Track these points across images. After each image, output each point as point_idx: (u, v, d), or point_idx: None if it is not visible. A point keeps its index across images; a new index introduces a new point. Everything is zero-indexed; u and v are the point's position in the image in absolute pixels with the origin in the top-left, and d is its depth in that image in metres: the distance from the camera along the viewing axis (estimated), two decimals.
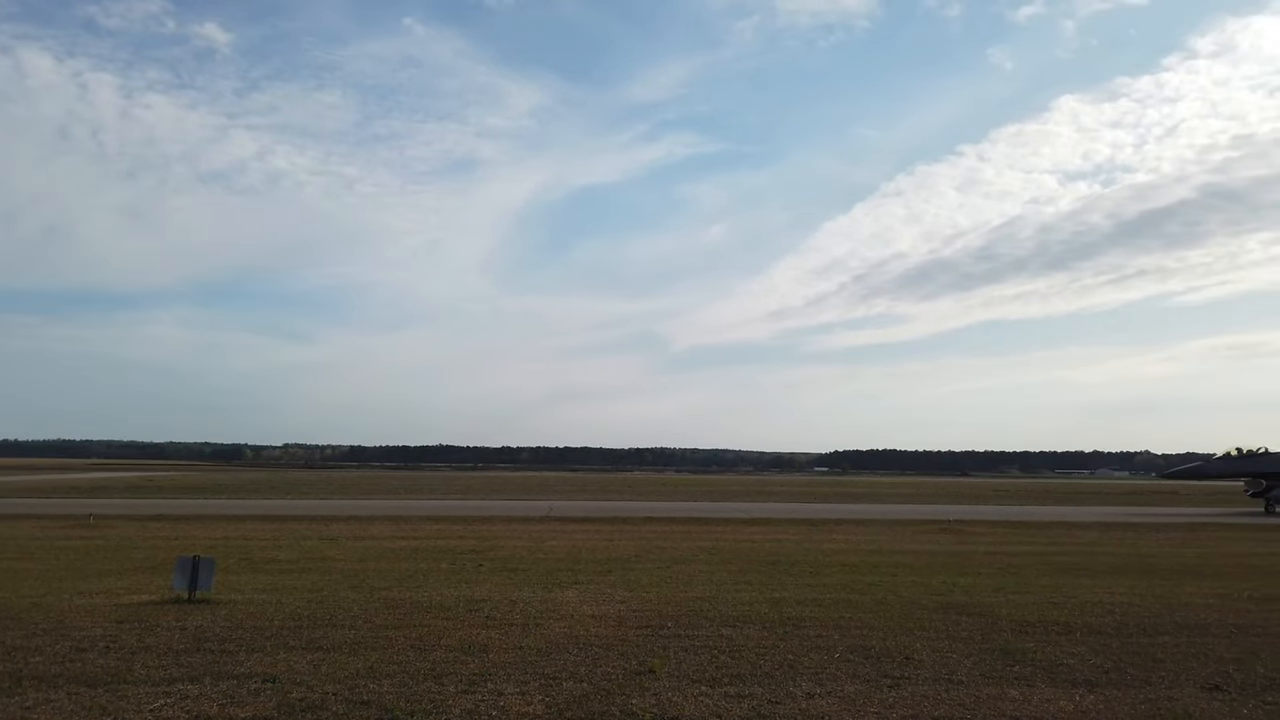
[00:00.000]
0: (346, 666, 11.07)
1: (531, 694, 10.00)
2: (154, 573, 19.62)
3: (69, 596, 16.32)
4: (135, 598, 16.25)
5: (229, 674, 10.63)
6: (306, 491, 69.55)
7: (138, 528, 32.54)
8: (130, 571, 20.05)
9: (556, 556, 24.02)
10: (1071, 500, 71.05)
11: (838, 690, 10.39)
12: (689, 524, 37.50)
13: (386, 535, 30.35)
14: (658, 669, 11.20)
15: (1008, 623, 14.77)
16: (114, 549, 25.12)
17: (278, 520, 36.99)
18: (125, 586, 17.67)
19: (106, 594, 16.69)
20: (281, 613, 14.75)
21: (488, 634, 13.26)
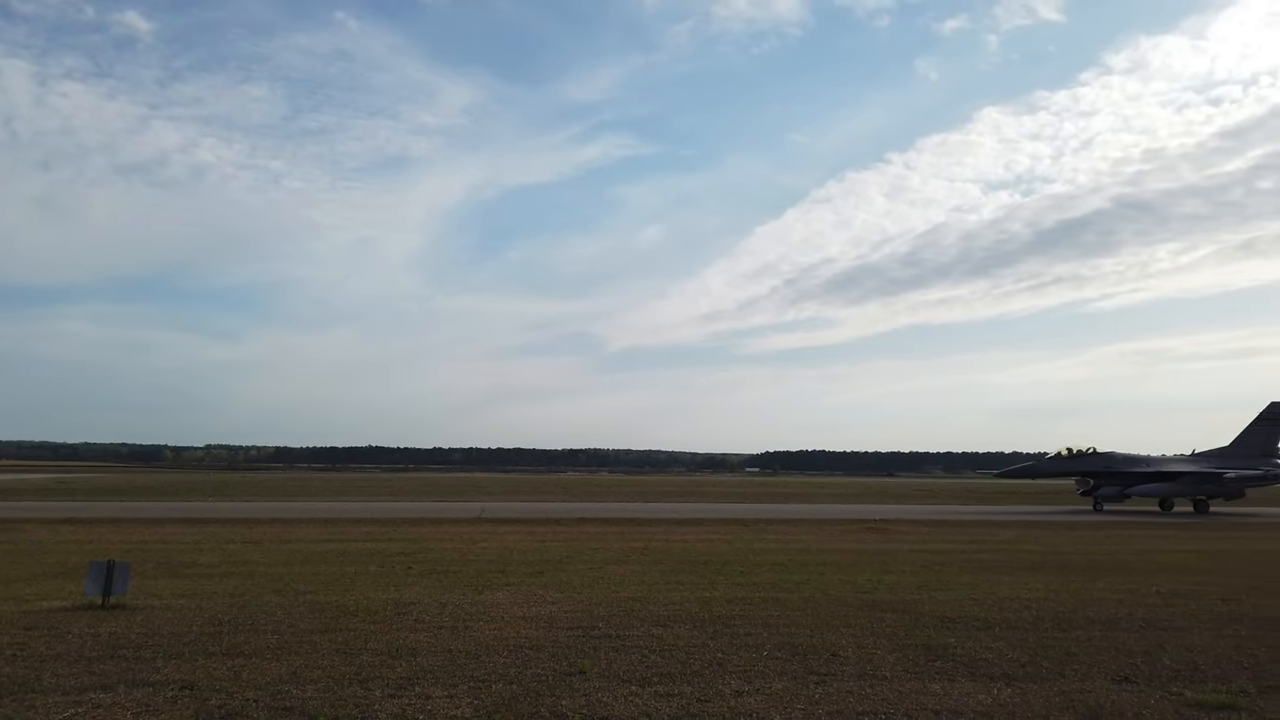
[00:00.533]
0: (269, 672, 10.82)
1: (460, 697, 9.91)
2: (66, 578, 18.88)
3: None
4: (46, 604, 15.63)
5: (144, 681, 10.29)
6: (230, 494, 67.57)
7: (49, 531, 31.26)
8: (41, 577, 19.26)
9: (488, 558, 23.82)
10: (992, 500, 73.10)
11: (765, 687, 10.53)
12: (622, 525, 37.54)
13: (313, 538, 29.70)
14: (588, 669, 11.21)
15: (930, 619, 15.16)
16: (23, 554, 24.11)
17: (199, 523, 35.91)
18: (35, 593, 16.98)
19: (14, 600, 16.01)
20: (201, 618, 14.34)
21: (416, 637, 13.09)
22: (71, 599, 16.04)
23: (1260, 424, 57.73)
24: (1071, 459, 56.36)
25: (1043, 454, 58.96)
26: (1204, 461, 56.75)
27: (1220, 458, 56.95)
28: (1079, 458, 56.23)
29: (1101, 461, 56.14)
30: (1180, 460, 57.51)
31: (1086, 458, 56.19)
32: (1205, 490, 54.67)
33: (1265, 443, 57.15)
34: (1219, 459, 56.68)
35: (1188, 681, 11.09)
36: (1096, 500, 55.17)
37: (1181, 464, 56.52)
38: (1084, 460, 56.19)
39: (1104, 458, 56.25)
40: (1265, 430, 57.38)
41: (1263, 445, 57.07)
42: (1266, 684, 11.01)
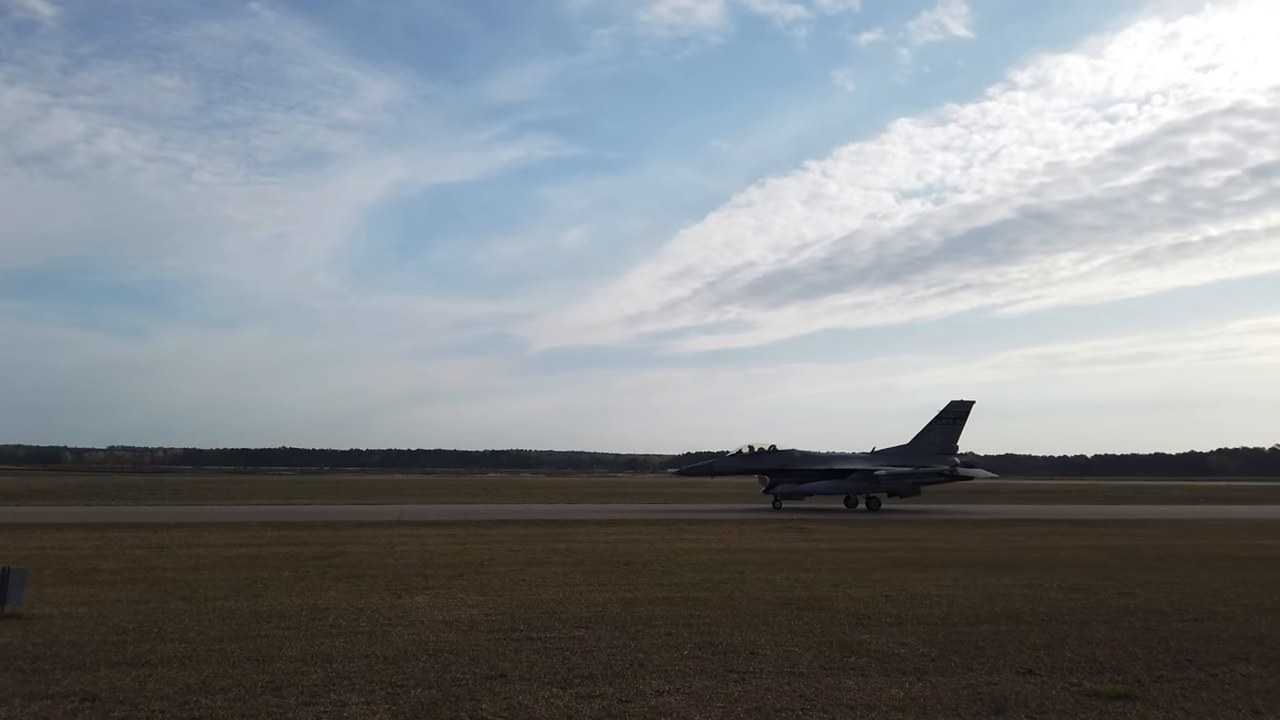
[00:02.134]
0: (176, 682, 10.46)
1: (377, 703, 9.75)
2: None
3: None
4: None
5: (42, 694, 9.86)
6: (135, 497, 64.96)
7: None
8: None
9: (407, 562, 23.46)
10: None
11: (686, 686, 10.65)
12: (543, 526, 37.40)
13: (223, 543, 28.78)
14: (509, 673, 11.16)
15: (845, 616, 15.53)
16: None
17: (101, 528, 34.44)
18: None
19: None
20: (103, 627, 13.78)
21: (332, 643, 12.82)
22: None
23: (940, 422, 57.39)
24: (750, 456, 55.48)
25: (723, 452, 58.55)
26: (880, 459, 56.37)
27: (898, 455, 56.62)
28: (758, 455, 55.40)
29: (778, 459, 55.38)
30: (854, 458, 56.69)
31: (765, 455, 55.37)
32: (876, 487, 54.55)
33: (945, 441, 56.95)
34: (896, 457, 56.45)
35: (1087, 673, 11.61)
36: (776, 498, 54.79)
37: (853, 462, 55.86)
38: (762, 458, 55.40)
39: (781, 455, 55.48)
40: (945, 428, 57.21)
41: (941, 444, 56.84)
42: (1159, 674, 11.60)
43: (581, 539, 30.86)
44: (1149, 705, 10.11)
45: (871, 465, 55.20)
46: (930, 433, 57.16)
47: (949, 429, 57.24)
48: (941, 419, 57.41)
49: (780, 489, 54.80)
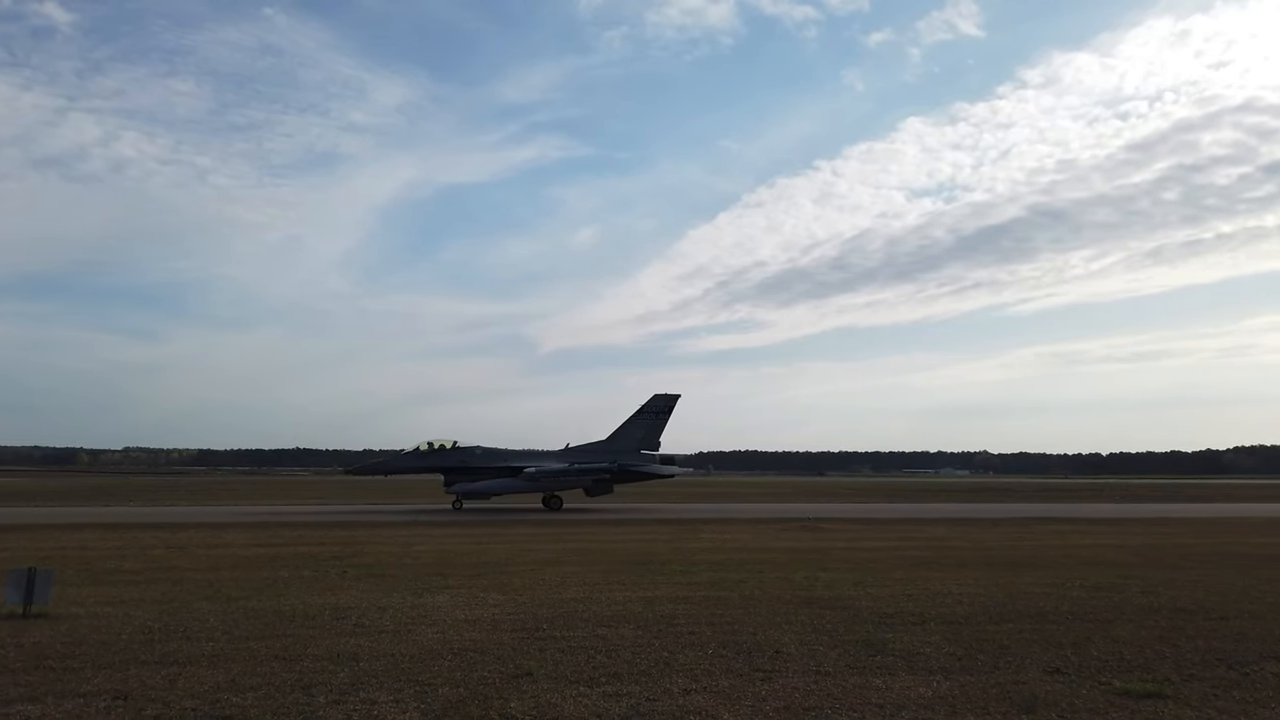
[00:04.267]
0: (206, 680, 10.52)
1: (406, 701, 9.78)
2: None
3: None
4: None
5: (74, 692, 9.92)
6: (152, 498, 65.38)
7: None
8: None
9: (425, 561, 23.53)
10: (919, 498, 74.97)
11: (712, 685, 10.64)
12: (558, 526, 37.46)
13: (241, 543, 28.93)
14: (535, 671, 11.17)
15: (868, 615, 15.48)
16: None
17: (120, 528, 34.66)
18: None
19: None
20: (130, 626, 13.86)
21: (357, 642, 12.87)
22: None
23: (641, 416, 54.33)
24: (428, 454, 52.04)
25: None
26: (569, 456, 53.15)
27: (593, 452, 53.53)
28: (436, 453, 51.95)
29: (457, 456, 51.70)
30: (538, 455, 53.43)
31: (443, 453, 51.90)
32: (550, 485, 51.19)
33: (646, 436, 53.91)
34: (590, 454, 53.41)
35: (1115, 671, 11.54)
36: (457, 498, 50.79)
37: (532, 460, 52.45)
38: (440, 455, 51.89)
39: (460, 453, 51.87)
40: (646, 423, 54.19)
41: (642, 439, 53.83)
42: (1189, 673, 11.52)
43: (596, 538, 30.89)
44: (1181, 704, 10.04)
45: (568, 463, 51.82)
46: (631, 427, 54.07)
47: (651, 423, 54.21)
48: (643, 413, 54.37)
49: (456, 488, 50.87)
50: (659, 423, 54.22)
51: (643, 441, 53.76)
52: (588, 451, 53.64)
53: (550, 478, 50.45)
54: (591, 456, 52.60)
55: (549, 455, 53.39)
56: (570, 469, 50.82)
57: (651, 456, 53.79)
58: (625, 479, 53.07)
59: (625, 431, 53.72)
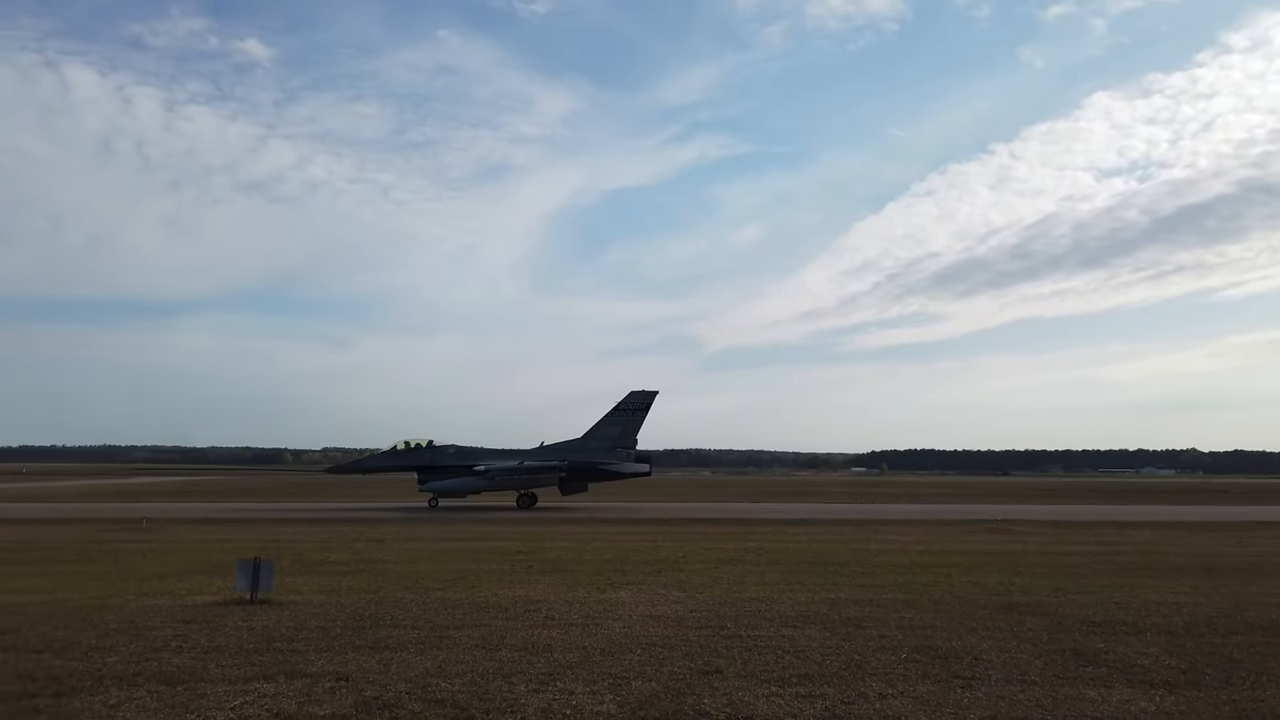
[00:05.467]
0: (415, 666, 11.14)
1: (602, 693, 9.99)
2: (212, 574, 19.89)
3: (134, 597, 16.60)
4: (198, 599, 16.49)
5: (302, 673, 10.75)
6: (349, 495, 70.26)
7: (189, 530, 33.09)
8: (189, 573, 20.34)
9: (604, 558, 24.04)
10: (1119, 499, 69.83)
11: (910, 691, 10.27)
12: (731, 525, 37.37)
13: (432, 537, 30.58)
14: (724, 669, 11.15)
15: (1074, 623, 14.52)
16: (169, 551, 25.54)
17: (324, 523, 37.44)
18: (187, 588, 17.94)
19: (170, 595, 16.96)
20: (343, 613, 14.89)
21: (549, 634, 13.28)
22: (221, 594, 16.88)
23: (617, 414, 52.95)
24: (402, 454, 52.55)
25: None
26: (543, 455, 52.51)
27: (565, 450, 52.55)
28: (410, 452, 52.40)
29: (428, 455, 52.00)
30: (509, 454, 52.96)
31: (416, 452, 52.30)
32: (510, 483, 51.09)
33: (622, 434, 52.55)
34: (562, 452, 52.42)
35: None
36: (432, 497, 50.97)
37: (500, 458, 51.90)
38: (413, 455, 52.29)
39: (432, 451, 52.14)
40: (622, 420, 52.72)
41: (618, 437, 52.48)
42: None
43: (772, 538, 30.58)
44: None
45: (494, 462, 51.15)
46: (606, 425, 52.75)
47: (628, 421, 52.71)
48: (620, 410, 52.89)
49: (427, 486, 51.22)
50: (635, 420, 53.10)
51: (619, 440, 52.75)
52: (561, 450, 52.90)
53: (504, 475, 50.63)
54: (564, 455, 52.04)
55: (516, 454, 53.27)
56: (520, 467, 50.93)
57: (624, 455, 52.76)
58: (594, 477, 53.00)
59: (600, 430, 52.97)
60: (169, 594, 17.07)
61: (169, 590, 17.56)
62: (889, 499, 67.91)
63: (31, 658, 11.42)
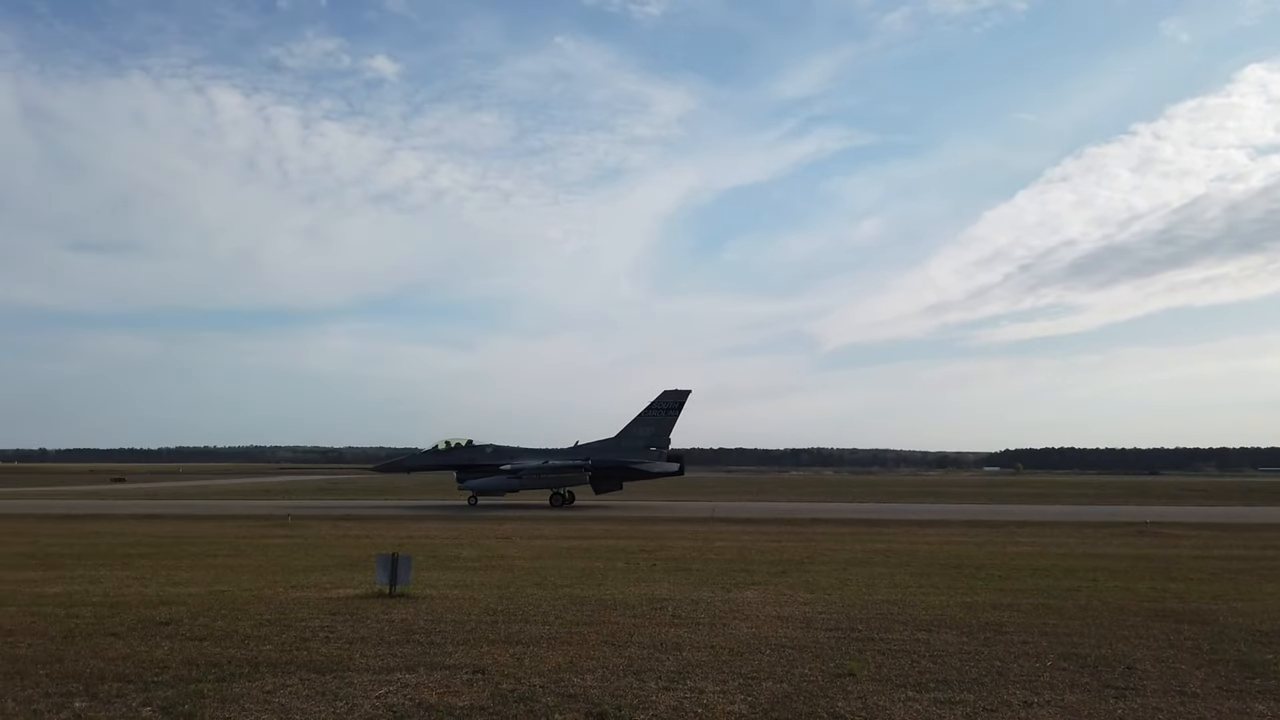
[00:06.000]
0: (548, 660, 11.35)
1: (733, 693, 9.92)
2: (353, 568, 20.82)
3: (283, 590, 17.54)
4: (341, 591, 17.28)
5: (440, 664, 11.11)
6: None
7: (330, 527, 34.75)
8: (331, 567, 21.36)
9: (727, 557, 23.93)
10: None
11: (1057, 700, 9.78)
12: (857, 525, 36.59)
13: (557, 535, 31.14)
14: (857, 672, 10.89)
15: (1237, 632, 13.53)
16: (313, 546, 26.88)
17: (455, 520, 38.69)
18: (330, 581, 18.83)
19: (315, 588, 17.83)
20: (477, 608, 15.32)
21: (677, 632, 13.30)
22: (362, 587, 17.63)
23: (650, 413, 52.95)
24: (443, 453, 53.75)
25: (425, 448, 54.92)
26: (577, 454, 52.62)
27: (599, 449, 52.79)
28: (450, 451, 53.56)
29: (466, 455, 53.20)
30: (544, 453, 53.13)
31: (455, 451, 53.45)
32: (537, 482, 51.35)
33: (654, 434, 52.64)
34: (595, 451, 52.61)
35: None
36: (471, 495, 51.78)
37: (537, 458, 52.00)
38: (452, 454, 53.48)
39: (470, 451, 53.27)
40: (655, 420, 52.77)
41: (650, 436, 52.60)
42: None
43: (901, 539, 29.77)
44: None
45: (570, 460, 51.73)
46: (639, 425, 52.96)
47: (661, 420, 52.87)
48: (652, 410, 53.09)
49: (465, 485, 52.16)
50: (668, 419, 53.44)
51: (651, 439, 53.13)
52: (594, 450, 53.41)
53: (531, 474, 51.30)
54: (596, 455, 52.63)
55: (548, 454, 53.77)
56: (545, 466, 51.43)
57: (655, 454, 53.04)
58: (624, 476, 53.13)
59: (633, 430, 53.41)
60: (314, 587, 17.96)
61: (314, 584, 18.48)
62: (1025, 500, 65.05)
63: (195, 645, 12.21)
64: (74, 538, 29.07)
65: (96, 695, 9.63)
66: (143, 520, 37.90)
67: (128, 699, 9.50)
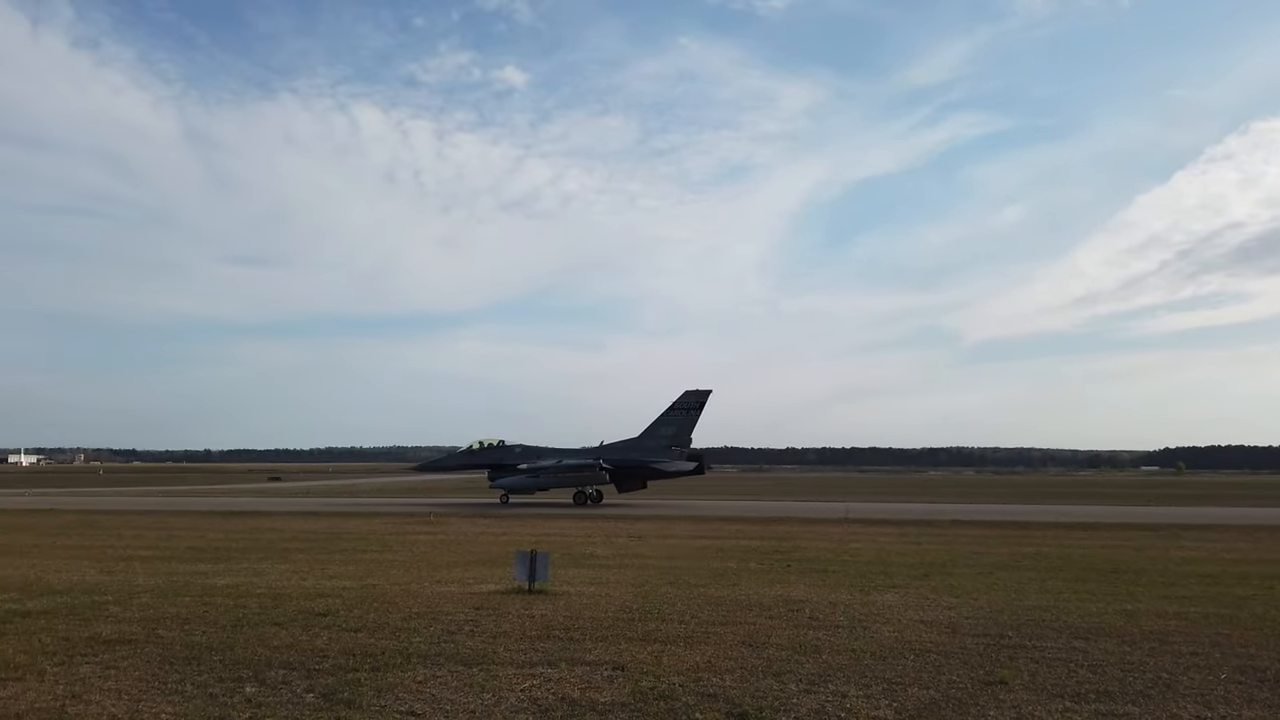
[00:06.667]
0: (686, 659, 11.36)
1: (876, 698, 9.66)
2: (492, 565, 21.46)
3: (429, 584, 18.24)
4: (482, 587, 17.83)
5: (580, 660, 11.30)
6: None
7: (469, 524, 35.95)
8: (472, 563, 22.08)
9: (864, 559, 23.38)
10: None
11: (1233, 715, 9.10)
12: (1001, 528, 35.05)
13: (688, 534, 31.18)
14: (1009, 680, 10.41)
15: None
16: (454, 543, 27.85)
17: (589, 518, 39.30)
18: (472, 577, 19.45)
19: (459, 583, 18.46)
20: (613, 605, 15.50)
21: (815, 635, 13.06)
22: (501, 583, 18.15)
23: (672, 413, 53.98)
24: (479, 452, 55.99)
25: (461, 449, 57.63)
26: (598, 454, 53.45)
27: (622, 449, 54.07)
28: (484, 451, 55.73)
29: (497, 455, 55.17)
30: (566, 453, 54.35)
31: (488, 451, 55.59)
32: (554, 481, 52.37)
33: (677, 433, 53.63)
34: (619, 450, 53.90)
35: None
36: (503, 494, 53.23)
37: (557, 458, 53.19)
38: (485, 454, 55.64)
39: (501, 451, 55.25)
40: (677, 420, 53.83)
41: (673, 436, 53.61)
42: None
43: (1051, 542, 28.36)
44: None
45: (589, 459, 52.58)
46: (662, 425, 54.04)
47: (683, 420, 53.96)
48: (675, 410, 54.10)
49: (494, 483, 53.97)
50: (690, 419, 54.30)
51: (673, 439, 54.04)
52: (617, 449, 54.48)
53: (548, 473, 52.47)
54: (619, 454, 53.70)
55: (569, 453, 54.89)
56: (559, 465, 52.45)
57: (676, 453, 53.98)
58: (644, 475, 54.25)
59: (656, 429, 54.38)
60: (457, 582, 18.59)
61: (457, 579, 19.14)
62: (1187, 501, 60.86)
63: (351, 636, 12.84)
64: (238, 533, 31.12)
65: (265, 681, 10.26)
66: (298, 517, 40.21)
67: (293, 685, 10.09)
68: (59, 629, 13.27)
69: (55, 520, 37.18)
